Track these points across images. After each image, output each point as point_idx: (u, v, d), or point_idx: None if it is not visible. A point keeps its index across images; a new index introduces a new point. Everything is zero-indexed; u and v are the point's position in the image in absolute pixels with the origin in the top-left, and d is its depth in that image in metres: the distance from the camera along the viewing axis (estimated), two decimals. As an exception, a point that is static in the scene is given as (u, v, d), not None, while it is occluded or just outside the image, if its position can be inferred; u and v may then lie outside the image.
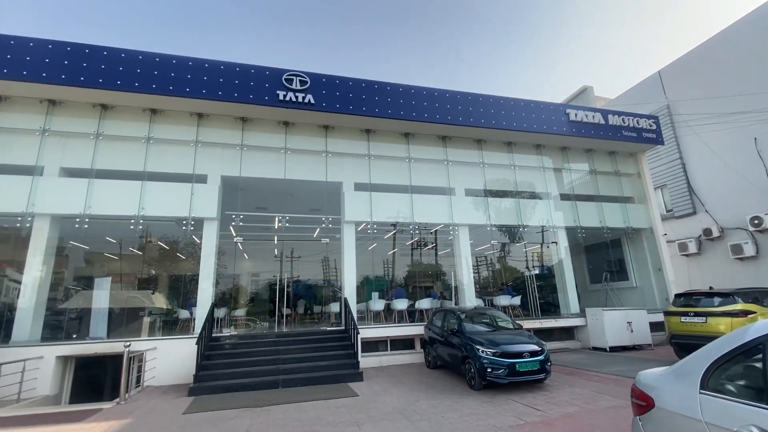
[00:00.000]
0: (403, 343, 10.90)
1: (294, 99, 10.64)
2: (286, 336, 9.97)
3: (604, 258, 15.97)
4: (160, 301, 13.40)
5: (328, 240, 11.76)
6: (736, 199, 14.98)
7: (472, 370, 7.31)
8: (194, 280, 11.30)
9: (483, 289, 14.23)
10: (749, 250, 14.46)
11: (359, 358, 9.00)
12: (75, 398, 9.00)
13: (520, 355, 7.11)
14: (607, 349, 11.17)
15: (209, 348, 9.07)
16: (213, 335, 9.75)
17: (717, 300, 8.55)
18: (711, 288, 9.57)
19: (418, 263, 16.22)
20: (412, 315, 12.39)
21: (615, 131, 13.65)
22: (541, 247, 14.66)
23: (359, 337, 9.27)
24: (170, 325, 12.21)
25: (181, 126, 10.75)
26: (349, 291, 10.84)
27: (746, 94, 14.36)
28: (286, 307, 14.19)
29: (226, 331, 10.83)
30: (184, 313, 11.79)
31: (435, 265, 16.38)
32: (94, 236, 11.21)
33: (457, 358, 7.99)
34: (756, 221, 14.16)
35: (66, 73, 9.37)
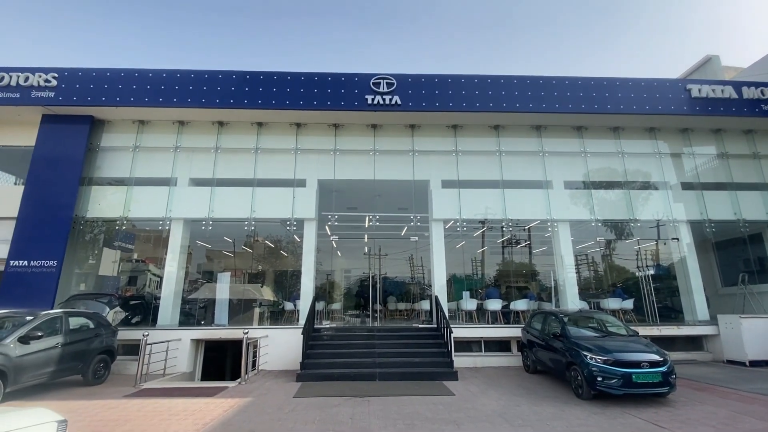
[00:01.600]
0: (498, 345, 10.56)
1: (381, 102, 10.95)
2: (379, 331, 10.33)
3: (741, 256, 13.48)
4: (267, 294, 14.77)
5: (417, 238, 11.89)
6: None
7: (579, 378, 6.79)
8: (296, 275, 12.28)
9: (586, 291, 13.06)
10: None
11: (453, 357, 8.93)
12: (205, 375, 10.45)
13: (637, 364, 6.39)
14: (747, 363, 9.56)
15: (312, 338, 9.78)
16: (314, 327, 10.45)
17: None
18: None
19: (511, 262, 15.56)
20: (507, 316, 11.92)
21: (751, 106, 11.50)
22: (657, 244, 13.01)
23: (452, 336, 9.19)
24: (277, 315, 13.42)
25: (282, 136, 11.80)
26: (439, 289, 10.87)
27: None
28: (378, 303, 14.39)
29: (326, 324, 11.56)
30: (288, 305, 12.84)
31: (529, 264, 15.59)
32: (214, 236, 12.85)
33: (560, 363, 7.49)
34: None
35: (191, 97, 10.91)
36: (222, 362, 11.96)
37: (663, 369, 6.38)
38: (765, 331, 9.69)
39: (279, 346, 9.83)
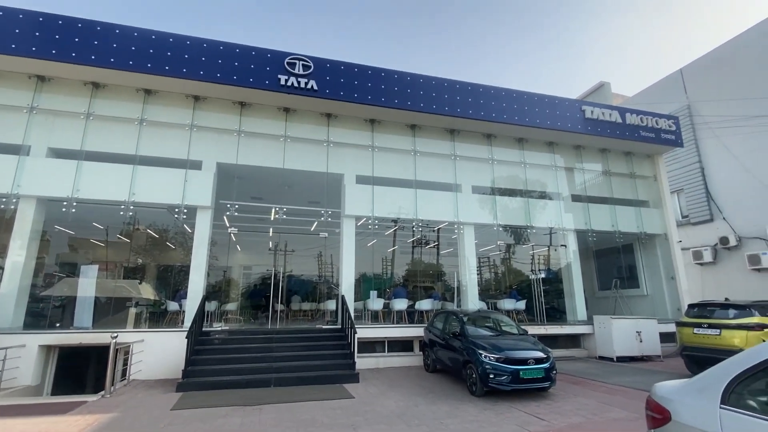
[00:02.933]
0: (401, 345, 10.94)
1: (296, 84, 10.58)
2: (279, 333, 9.99)
3: (615, 264, 15.98)
4: (147, 291, 13.39)
5: (326, 234, 11.77)
6: (755, 207, 15.02)
7: (474, 376, 7.35)
8: (184, 271, 11.34)
9: (486, 292, 14.24)
10: (767, 261, 14.49)
11: (355, 359, 9.00)
12: (57, 390, 9.04)
13: (524, 361, 7.14)
14: (614, 359, 11.17)
15: (199, 342, 9.10)
16: (203, 329, 9.77)
17: (732, 312, 8.53)
18: (726, 299, 9.55)
19: (419, 262, 16.15)
20: (412, 316, 12.42)
21: (632, 131, 13.62)
22: (549, 249, 14.66)
23: (356, 336, 9.27)
24: (158, 317, 12.27)
25: (176, 108, 10.71)
26: (347, 288, 10.86)
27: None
28: (280, 303, 14.21)
29: (217, 326, 10.82)
30: (173, 305, 11.83)
31: (436, 264, 16.29)
32: (81, 221, 11.21)
33: (458, 362, 8.03)
34: (775, 231, 14.17)
35: (57, 48, 9.31)
36: (83, 373, 10.50)
37: (546, 365, 7.22)
38: (630, 331, 11.47)
39: (158, 352, 8.94)
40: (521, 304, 13.14)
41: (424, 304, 12.36)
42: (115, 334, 7.77)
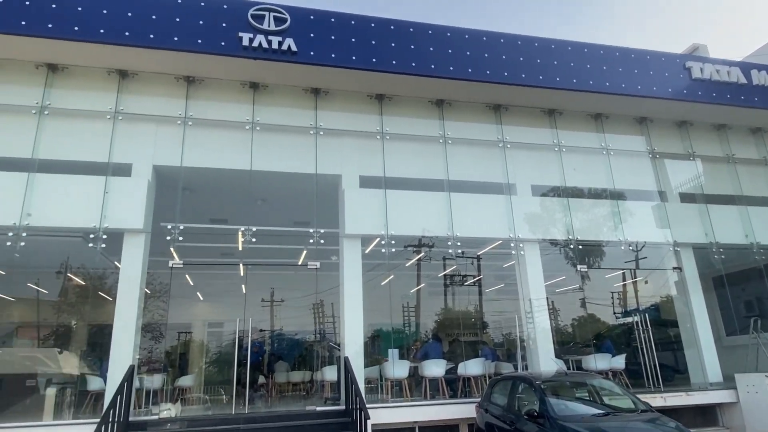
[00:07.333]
0: None
1: (266, 45, 9.75)
2: (253, 421, 8.84)
3: (746, 294, 14.17)
4: (69, 364, 12.57)
5: (318, 264, 10.43)
6: None
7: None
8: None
9: (563, 345, 13.13)
10: None
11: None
12: None
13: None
14: None
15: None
16: (132, 419, 8.53)
17: None
18: None
19: (457, 305, 15.67)
20: (453, 384, 11.18)
21: (763, 95, 12.29)
22: (647, 277, 13.38)
23: (369, 423, 7.83)
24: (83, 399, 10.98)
25: (90, 91, 9.87)
26: (354, 347, 9.82)
27: None
28: (260, 374, 13.86)
29: (165, 409, 9.44)
30: (95, 382, 10.49)
31: (480, 306, 15.77)
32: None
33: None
34: None
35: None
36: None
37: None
38: (798, 395, 9.73)
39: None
40: (619, 361, 11.71)
41: (472, 367, 11.07)
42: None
